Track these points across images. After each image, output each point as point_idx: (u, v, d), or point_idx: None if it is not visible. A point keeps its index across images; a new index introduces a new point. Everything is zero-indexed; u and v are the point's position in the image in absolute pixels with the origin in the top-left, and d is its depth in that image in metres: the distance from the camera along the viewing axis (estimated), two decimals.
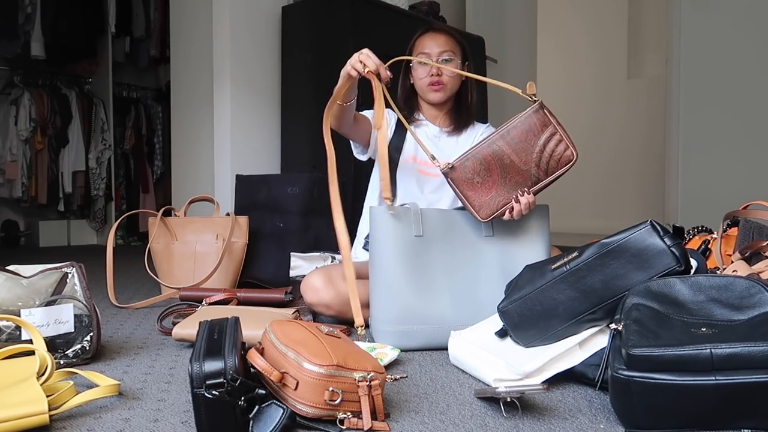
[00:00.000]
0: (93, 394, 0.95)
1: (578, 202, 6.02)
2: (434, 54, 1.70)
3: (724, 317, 0.92)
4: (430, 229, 1.42)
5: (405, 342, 1.34)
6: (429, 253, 1.40)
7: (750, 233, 1.52)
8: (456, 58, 1.73)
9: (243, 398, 0.80)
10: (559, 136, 1.35)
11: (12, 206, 4.50)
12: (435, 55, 1.70)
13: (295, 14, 3.09)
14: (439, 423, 0.91)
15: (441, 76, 1.70)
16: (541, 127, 1.34)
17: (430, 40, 1.72)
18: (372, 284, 1.42)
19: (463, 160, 1.38)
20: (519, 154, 1.35)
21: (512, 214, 1.39)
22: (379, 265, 1.40)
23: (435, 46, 1.71)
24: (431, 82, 1.71)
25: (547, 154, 1.35)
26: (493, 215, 1.39)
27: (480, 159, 1.37)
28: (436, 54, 1.70)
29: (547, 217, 1.53)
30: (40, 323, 1.16)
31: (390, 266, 1.38)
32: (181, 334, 1.35)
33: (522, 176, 1.37)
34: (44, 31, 4.20)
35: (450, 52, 1.72)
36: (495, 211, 1.39)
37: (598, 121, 5.90)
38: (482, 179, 1.37)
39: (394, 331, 1.35)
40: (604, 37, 5.87)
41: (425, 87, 1.73)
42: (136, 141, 4.81)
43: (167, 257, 2.18)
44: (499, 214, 1.39)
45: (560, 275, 1.11)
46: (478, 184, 1.38)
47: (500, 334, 1.20)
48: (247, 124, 3.08)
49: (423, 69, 1.72)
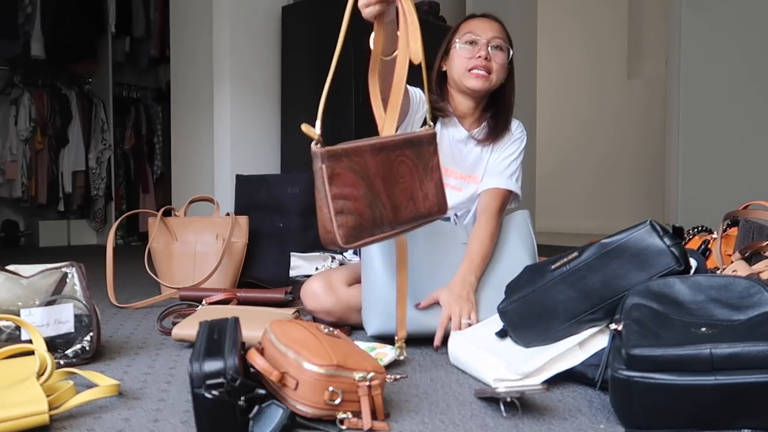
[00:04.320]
0: (93, 394, 0.95)
1: (577, 202, 6.03)
2: (484, 38, 1.50)
3: (724, 317, 0.92)
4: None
5: (391, 326, 1.29)
6: (413, 245, 1.41)
7: (750, 233, 1.52)
8: (507, 48, 1.54)
9: (243, 398, 0.80)
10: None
11: (12, 206, 4.50)
12: (485, 39, 1.50)
13: (295, 14, 3.10)
14: (439, 423, 0.91)
15: (489, 61, 1.50)
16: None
17: (482, 22, 1.53)
18: (363, 274, 1.45)
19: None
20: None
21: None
22: (368, 255, 1.43)
23: (488, 30, 1.52)
24: (477, 65, 1.49)
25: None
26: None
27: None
28: (487, 39, 1.50)
29: (526, 224, 1.55)
30: (40, 323, 1.16)
31: (377, 255, 1.41)
32: (181, 334, 1.35)
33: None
34: (44, 31, 4.20)
35: (502, 40, 1.53)
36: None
37: (598, 121, 5.90)
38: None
39: (381, 314, 1.37)
40: (604, 37, 5.87)
41: (466, 72, 1.50)
42: (136, 141, 4.81)
43: (167, 257, 2.18)
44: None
45: (560, 275, 1.11)
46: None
47: (500, 334, 1.20)
48: (247, 124, 3.08)
49: (468, 50, 1.51)
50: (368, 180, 0.94)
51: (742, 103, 3.56)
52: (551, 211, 5.93)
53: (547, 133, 5.55)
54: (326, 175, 0.90)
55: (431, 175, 1.05)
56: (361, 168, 0.93)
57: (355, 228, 0.92)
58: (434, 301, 1.38)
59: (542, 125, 4.96)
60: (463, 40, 1.52)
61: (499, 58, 1.52)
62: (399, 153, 1.00)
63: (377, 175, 0.95)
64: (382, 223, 0.96)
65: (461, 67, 1.51)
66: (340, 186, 0.91)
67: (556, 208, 6.00)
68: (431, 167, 1.06)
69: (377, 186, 0.95)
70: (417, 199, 1.02)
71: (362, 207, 0.93)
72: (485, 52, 1.49)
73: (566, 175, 6.05)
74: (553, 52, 5.93)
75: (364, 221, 0.93)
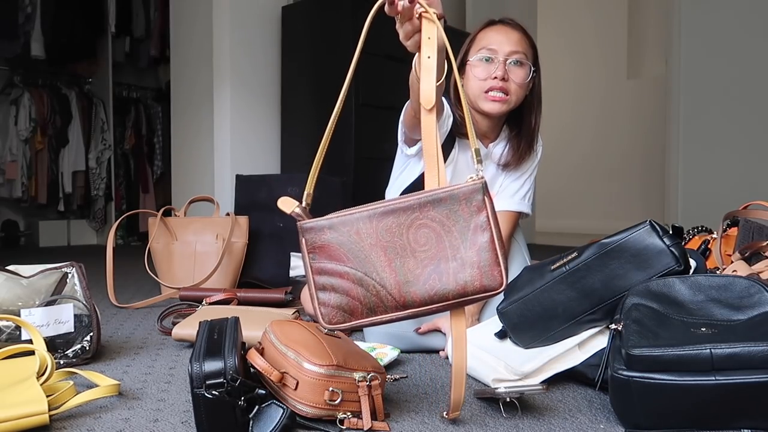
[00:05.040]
0: (93, 394, 0.95)
1: (577, 203, 6.03)
2: (502, 53, 1.35)
3: (724, 317, 0.92)
4: None
5: (391, 344, 1.34)
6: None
7: (750, 233, 1.52)
8: (527, 63, 1.38)
9: (243, 398, 0.81)
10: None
11: (12, 206, 4.50)
12: (503, 54, 1.35)
13: (295, 14, 3.10)
14: (439, 423, 0.91)
15: (507, 81, 1.35)
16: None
17: (499, 34, 1.37)
18: None
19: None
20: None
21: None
22: None
23: (506, 43, 1.36)
24: (492, 87, 1.35)
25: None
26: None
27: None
28: (505, 53, 1.35)
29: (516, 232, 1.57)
30: (40, 323, 1.16)
31: None
32: (181, 334, 1.35)
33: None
34: (44, 31, 4.20)
35: (522, 54, 1.37)
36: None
37: (598, 121, 5.90)
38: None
39: (381, 333, 1.35)
40: (604, 37, 5.87)
41: (482, 94, 1.36)
42: (136, 141, 4.81)
43: (167, 257, 2.18)
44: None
45: (559, 276, 1.11)
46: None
47: (500, 335, 1.20)
48: (247, 124, 3.08)
49: (484, 68, 1.37)
50: (361, 251, 0.83)
51: (742, 103, 3.56)
52: (551, 211, 5.93)
53: (547, 133, 5.53)
54: (306, 250, 0.84)
55: (473, 240, 0.83)
56: (350, 239, 0.83)
57: (342, 308, 0.82)
58: (434, 329, 1.35)
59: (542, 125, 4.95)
60: (478, 56, 1.38)
61: (518, 75, 1.37)
62: (417, 216, 0.83)
63: (376, 246, 0.83)
64: (383, 303, 0.82)
65: (476, 88, 1.38)
66: (322, 260, 0.83)
67: (555, 208, 6.00)
68: (475, 228, 0.84)
69: (375, 258, 0.82)
70: (445, 273, 0.82)
71: (348, 284, 0.82)
72: (502, 71, 1.35)
73: (566, 175, 6.05)
74: (553, 52, 5.93)
75: (353, 300, 0.82)
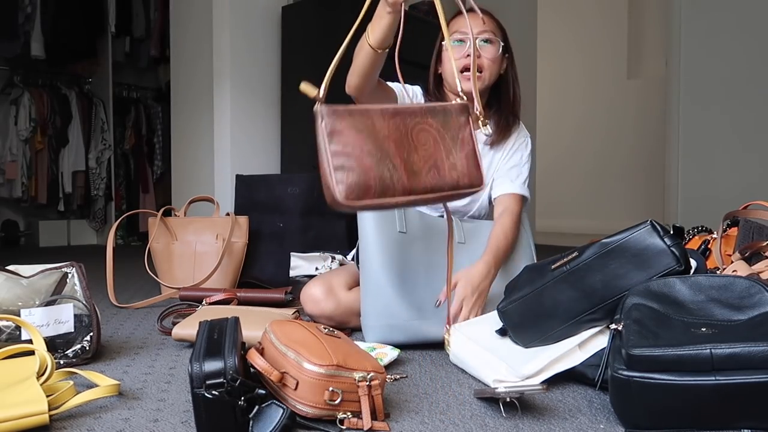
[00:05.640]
0: (93, 394, 0.95)
1: (577, 202, 6.03)
2: (472, 34, 1.42)
3: (724, 317, 0.92)
4: (413, 228, 1.45)
5: (391, 336, 1.34)
6: (411, 250, 1.41)
7: (750, 233, 1.52)
8: (497, 40, 1.49)
9: (243, 398, 0.80)
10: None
11: (12, 206, 4.50)
12: (473, 35, 1.39)
13: (295, 14, 3.10)
14: (439, 423, 0.91)
15: (480, 57, 1.45)
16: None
17: (467, 19, 1.46)
18: (361, 280, 1.44)
19: None
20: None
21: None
22: (366, 260, 1.42)
23: (474, 25, 1.45)
24: (467, 65, 1.42)
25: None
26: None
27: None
28: (475, 34, 1.46)
29: (525, 225, 1.57)
30: (40, 323, 1.16)
31: (375, 260, 1.40)
32: (181, 334, 1.35)
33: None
34: (44, 31, 4.20)
35: (491, 33, 1.49)
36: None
37: (598, 121, 5.90)
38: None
39: (381, 326, 1.36)
40: (604, 38, 5.87)
41: (458, 74, 1.42)
42: (136, 141, 4.81)
43: (167, 257, 2.18)
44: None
45: (560, 275, 1.11)
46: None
47: (501, 332, 1.20)
48: (247, 124, 3.08)
49: (457, 50, 1.48)
50: (376, 140, 0.90)
51: (742, 102, 3.56)
52: (551, 211, 5.93)
53: (548, 133, 5.55)
54: (326, 132, 0.87)
55: (462, 146, 1.00)
56: (367, 127, 0.90)
57: (358, 185, 0.87)
58: (453, 287, 1.33)
59: (542, 125, 4.95)
60: (450, 41, 1.46)
61: (489, 52, 1.48)
62: (419, 120, 0.96)
63: (389, 138, 0.92)
64: (394, 186, 0.90)
65: (453, 69, 1.42)
66: (340, 143, 0.87)
67: (556, 208, 6.00)
68: (462, 138, 1.00)
69: (388, 147, 0.91)
70: (441, 168, 0.96)
71: (367, 164, 0.88)
72: (474, 48, 1.41)
73: (566, 175, 6.05)
74: (553, 52, 5.93)
75: (369, 180, 0.88)
